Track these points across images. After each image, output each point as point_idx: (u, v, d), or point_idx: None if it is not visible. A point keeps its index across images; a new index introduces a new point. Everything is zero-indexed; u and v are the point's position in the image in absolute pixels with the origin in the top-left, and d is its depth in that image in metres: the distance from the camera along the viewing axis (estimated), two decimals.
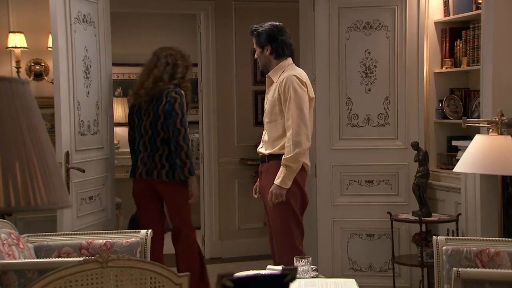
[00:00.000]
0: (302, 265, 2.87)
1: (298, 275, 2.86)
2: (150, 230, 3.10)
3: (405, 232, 4.35)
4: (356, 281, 3.83)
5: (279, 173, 3.48)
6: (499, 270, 2.41)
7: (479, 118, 4.01)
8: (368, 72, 4.41)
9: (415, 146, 4.12)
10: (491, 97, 3.78)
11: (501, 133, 3.39)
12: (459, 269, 2.20)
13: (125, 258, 1.45)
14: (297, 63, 5.65)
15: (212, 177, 5.87)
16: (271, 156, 3.60)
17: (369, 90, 4.42)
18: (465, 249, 2.71)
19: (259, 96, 6.01)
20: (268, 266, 3.04)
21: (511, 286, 2.15)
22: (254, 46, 3.71)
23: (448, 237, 2.86)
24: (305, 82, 3.58)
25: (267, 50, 3.64)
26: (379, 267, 4.39)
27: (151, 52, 4.16)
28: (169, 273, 1.70)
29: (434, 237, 2.83)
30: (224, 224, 5.89)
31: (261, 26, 3.69)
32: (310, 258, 2.90)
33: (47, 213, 3.81)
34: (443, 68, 4.54)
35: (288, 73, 3.56)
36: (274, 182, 3.48)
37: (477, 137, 3.10)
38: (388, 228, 4.20)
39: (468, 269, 2.23)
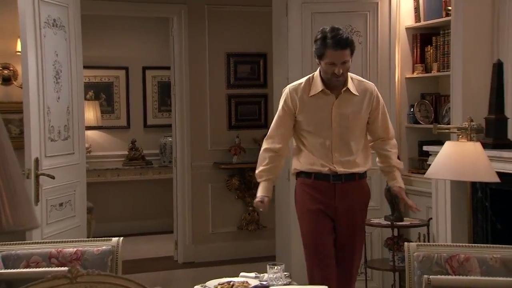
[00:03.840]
0: (275, 272, 2.87)
1: (271, 282, 2.85)
2: (121, 238, 3.06)
3: (378, 237, 4.39)
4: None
5: (399, 177, 3.26)
6: (468, 277, 2.45)
7: (449, 123, 4.07)
8: None
9: None
10: (461, 103, 3.84)
11: (471, 139, 3.44)
12: (430, 276, 2.22)
13: (95, 273, 1.43)
14: (270, 67, 5.70)
15: (185, 181, 5.85)
16: (364, 174, 3.26)
17: None
18: (436, 255, 2.73)
19: (233, 100, 6.01)
20: (241, 273, 3.03)
21: None
22: (346, 58, 3.07)
23: (419, 243, 2.89)
24: None
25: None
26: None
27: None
28: None
29: (405, 243, 2.85)
30: (197, 228, 5.87)
31: (347, 33, 3.13)
32: (283, 265, 2.90)
33: None
34: (414, 73, 4.59)
35: (365, 82, 3.26)
36: (401, 186, 3.25)
37: (447, 144, 3.14)
38: None
39: (439, 276, 2.26)
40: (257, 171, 3.35)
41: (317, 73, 3.19)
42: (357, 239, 3.25)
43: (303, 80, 3.24)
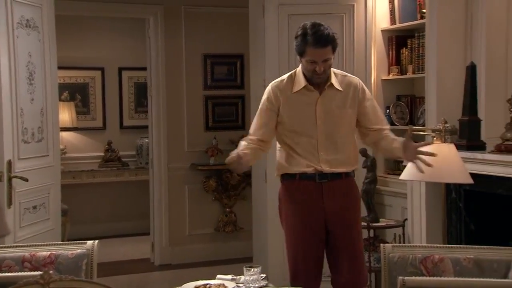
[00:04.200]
0: (251, 274, 2.86)
1: (247, 285, 2.85)
2: (96, 241, 3.02)
3: None
4: None
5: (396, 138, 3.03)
6: (442, 278, 2.48)
7: (424, 124, 4.11)
8: None
9: (363, 152, 4.18)
10: (436, 105, 3.88)
11: (445, 141, 3.48)
12: (405, 278, 2.24)
13: (68, 279, 1.41)
14: (247, 68, 5.70)
15: (162, 182, 5.81)
16: (351, 173, 3.12)
17: None
18: (411, 256, 2.76)
19: (210, 101, 6.00)
20: (218, 276, 3.02)
21: None
22: (328, 56, 2.94)
23: (394, 244, 2.91)
24: None
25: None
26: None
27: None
28: None
29: (381, 244, 2.87)
30: (174, 230, 5.84)
31: (328, 29, 2.96)
32: (260, 267, 2.90)
33: None
34: (390, 75, 4.63)
35: (348, 76, 3.13)
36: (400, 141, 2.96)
37: None
38: None
39: (413, 278, 2.28)
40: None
41: (299, 69, 3.07)
42: (355, 242, 3.06)
43: (285, 76, 3.11)
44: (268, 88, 3.13)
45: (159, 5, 5.76)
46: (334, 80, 3.05)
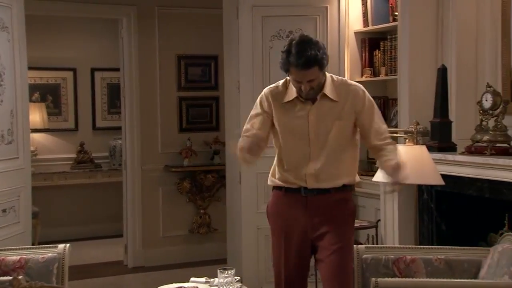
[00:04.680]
0: (225, 276, 2.86)
1: (221, 287, 2.84)
2: (68, 245, 2.98)
3: None
4: None
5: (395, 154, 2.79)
6: (414, 279, 2.51)
7: (397, 126, 4.15)
8: None
9: None
10: (408, 106, 3.93)
11: (417, 142, 3.52)
12: (378, 279, 2.26)
13: (38, 285, 1.38)
14: (221, 69, 5.68)
15: (135, 184, 5.77)
16: (344, 187, 2.87)
17: None
18: (384, 257, 2.79)
19: (184, 102, 5.97)
20: (192, 279, 3.01)
21: None
22: (312, 76, 2.73)
23: (368, 245, 2.94)
24: None
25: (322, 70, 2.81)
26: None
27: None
28: None
29: (355, 246, 2.90)
30: (148, 232, 5.80)
31: (315, 47, 2.71)
32: (234, 270, 2.89)
33: None
34: (363, 77, 4.66)
35: (348, 84, 2.90)
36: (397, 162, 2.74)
37: None
38: None
39: (386, 279, 2.30)
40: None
41: None
42: (341, 262, 2.73)
43: (280, 83, 2.91)
44: (262, 93, 2.94)
45: (132, 6, 5.71)
46: (328, 90, 2.81)
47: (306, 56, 2.66)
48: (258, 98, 2.96)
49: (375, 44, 4.59)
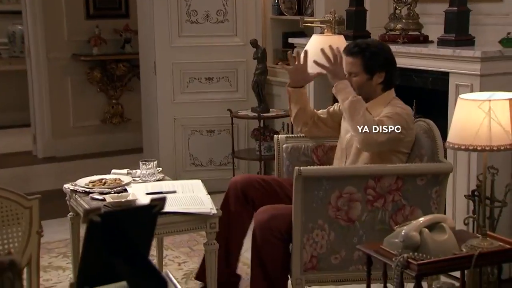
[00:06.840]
0: (148, 168, 2.87)
1: (144, 178, 2.86)
2: None
3: (244, 128, 4.51)
4: (197, 175, 3.96)
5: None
6: (334, 167, 2.64)
7: (312, 14, 4.15)
8: None
9: (254, 43, 4.18)
10: None
11: (335, 32, 3.55)
12: (301, 168, 2.35)
13: None
14: None
15: (41, 73, 5.50)
16: None
17: None
18: (303, 145, 2.90)
19: None
20: (113, 170, 2.98)
21: (343, 179, 2.38)
22: (351, 69, 2.58)
23: (288, 135, 3.02)
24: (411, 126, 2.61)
25: (380, 78, 2.59)
26: (219, 161, 4.55)
27: None
28: (17, 197, 1.59)
29: (275, 136, 2.97)
30: (57, 122, 5.63)
31: (366, 42, 2.63)
32: (156, 161, 2.90)
33: None
34: None
35: (394, 108, 2.56)
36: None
37: (314, 37, 3.21)
38: (228, 124, 4.32)
39: (309, 167, 2.40)
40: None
41: None
42: None
43: None
44: None
45: None
46: (370, 105, 2.56)
47: (355, 43, 2.64)
48: (406, 129, 2.54)
49: None
